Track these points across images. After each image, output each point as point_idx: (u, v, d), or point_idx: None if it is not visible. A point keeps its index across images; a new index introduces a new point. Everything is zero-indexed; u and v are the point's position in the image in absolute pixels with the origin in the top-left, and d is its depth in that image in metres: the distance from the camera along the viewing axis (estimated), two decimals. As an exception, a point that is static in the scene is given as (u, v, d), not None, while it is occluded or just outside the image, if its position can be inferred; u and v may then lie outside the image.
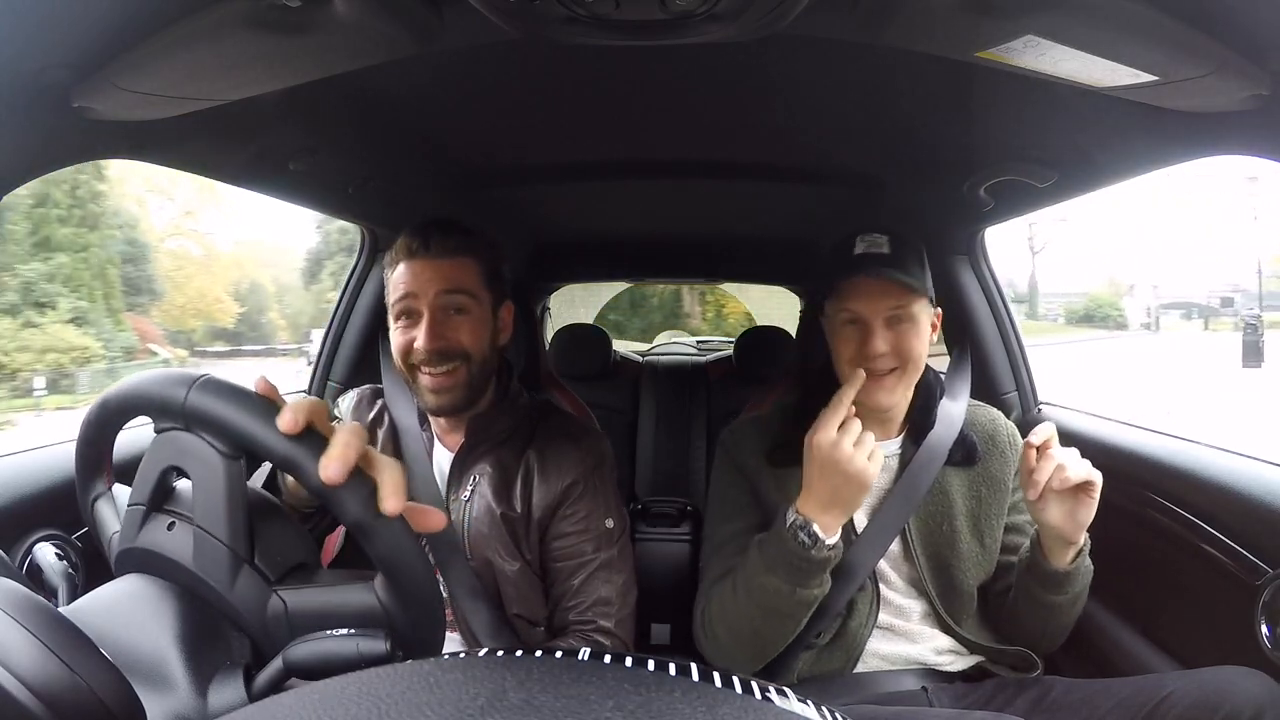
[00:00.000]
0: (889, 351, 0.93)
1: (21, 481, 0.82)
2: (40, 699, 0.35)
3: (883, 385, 0.94)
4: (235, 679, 0.46)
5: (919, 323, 0.95)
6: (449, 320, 0.93)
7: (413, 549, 0.47)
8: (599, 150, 1.22)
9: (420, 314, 0.92)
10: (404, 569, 0.47)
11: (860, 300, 0.94)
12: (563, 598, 0.97)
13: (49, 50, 0.57)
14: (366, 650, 0.46)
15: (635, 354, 2.63)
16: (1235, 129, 0.70)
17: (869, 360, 0.93)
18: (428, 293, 0.92)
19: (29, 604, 0.38)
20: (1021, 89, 0.75)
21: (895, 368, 0.94)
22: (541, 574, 1.00)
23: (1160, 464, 1.07)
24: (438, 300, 0.92)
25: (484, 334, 0.96)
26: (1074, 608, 0.95)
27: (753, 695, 0.30)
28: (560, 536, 0.98)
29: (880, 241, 0.95)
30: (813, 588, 0.87)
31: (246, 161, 0.96)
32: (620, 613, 0.97)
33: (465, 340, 0.93)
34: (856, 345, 0.94)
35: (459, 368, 0.93)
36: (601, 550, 0.98)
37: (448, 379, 0.93)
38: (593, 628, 0.95)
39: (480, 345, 0.95)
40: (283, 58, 0.63)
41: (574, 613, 0.96)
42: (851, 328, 0.95)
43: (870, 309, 0.93)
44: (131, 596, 0.49)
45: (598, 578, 0.97)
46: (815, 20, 0.61)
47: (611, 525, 1.00)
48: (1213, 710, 0.74)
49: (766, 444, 1.04)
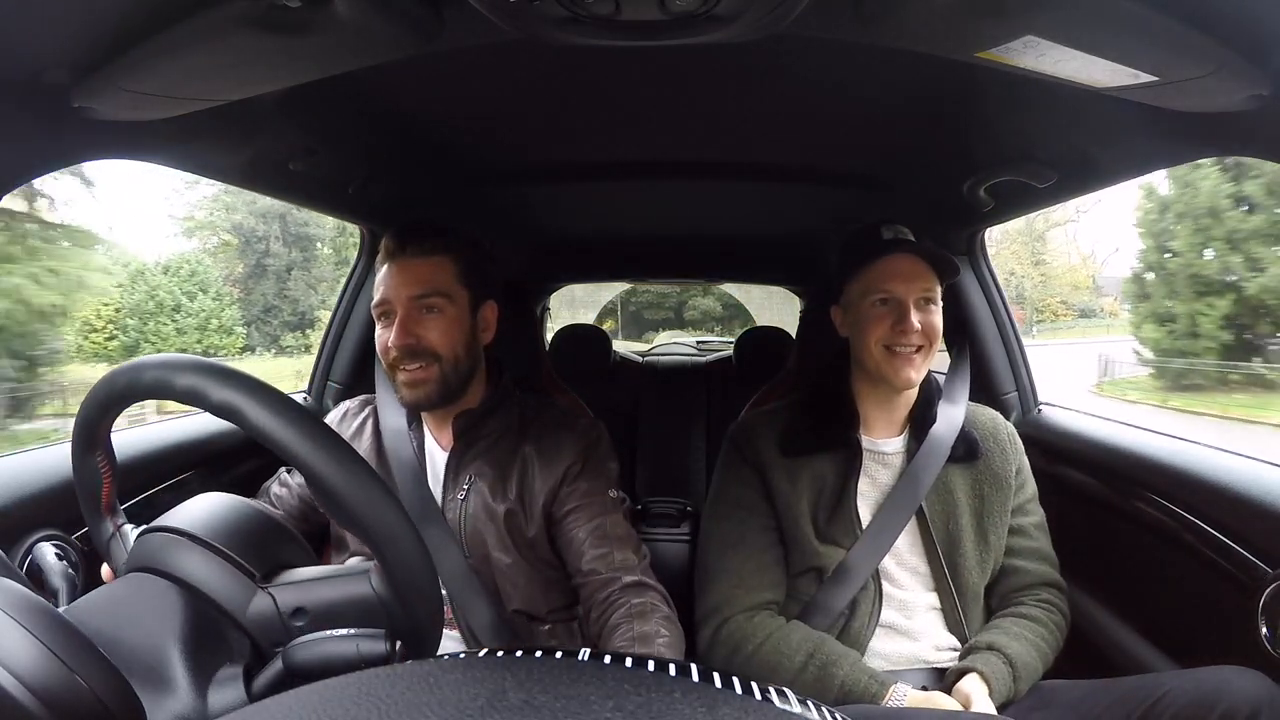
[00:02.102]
0: (920, 330, 0.99)
1: (21, 481, 0.82)
2: (40, 699, 0.35)
3: (911, 363, 1.00)
4: (235, 679, 0.46)
5: (939, 305, 1.02)
6: (421, 319, 0.95)
7: (408, 533, 0.48)
8: (599, 150, 1.22)
9: (394, 315, 0.95)
10: (401, 557, 0.47)
11: (896, 281, 1.00)
12: (580, 564, 0.96)
13: (49, 50, 0.57)
14: (366, 650, 0.46)
15: (635, 354, 2.64)
16: (1235, 129, 0.70)
17: (904, 338, 0.99)
18: (400, 294, 0.95)
19: (29, 604, 0.38)
20: (1021, 89, 0.75)
21: (922, 346, 1.00)
22: (549, 562, 1.00)
23: (1160, 464, 1.07)
24: (410, 301, 0.95)
25: (457, 333, 0.96)
26: (1051, 655, 0.99)
27: (752, 695, 0.30)
28: (567, 514, 0.98)
29: (904, 231, 1.03)
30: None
31: (246, 161, 0.96)
32: (643, 565, 0.98)
33: (434, 339, 0.95)
34: (889, 325, 0.99)
35: (430, 365, 0.95)
36: (609, 514, 0.99)
37: (420, 374, 0.95)
38: (624, 585, 0.94)
39: (452, 344, 0.96)
40: (283, 58, 0.63)
41: (598, 576, 0.95)
42: (884, 308, 1.00)
43: (905, 289, 0.99)
44: (131, 596, 0.49)
45: (610, 537, 0.97)
46: (815, 20, 0.61)
47: (614, 495, 1.01)
48: (1209, 709, 0.74)
49: (778, 436, 1.06)
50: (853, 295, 1.04)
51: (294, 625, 0.50)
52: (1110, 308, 27.79)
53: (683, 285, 12.43)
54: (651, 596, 0.94)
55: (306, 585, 0.51)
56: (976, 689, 0.89)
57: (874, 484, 1.04)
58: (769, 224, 1.70)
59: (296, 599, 0.50)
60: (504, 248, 1.76)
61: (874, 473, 1.04)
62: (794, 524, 1.01)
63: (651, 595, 0.94)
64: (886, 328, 0.99)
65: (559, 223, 1.75)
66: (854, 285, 1.04)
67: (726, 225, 1.75)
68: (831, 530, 1.01)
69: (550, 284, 2.40)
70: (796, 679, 0.92)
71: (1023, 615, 1.00)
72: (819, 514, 1.02)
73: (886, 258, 1.00)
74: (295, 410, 0.47)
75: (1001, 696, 0.90)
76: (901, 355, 0.99)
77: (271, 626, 0.50)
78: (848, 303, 1.05)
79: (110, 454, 0.57)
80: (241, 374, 0.48)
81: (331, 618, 0.49)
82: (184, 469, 1.09)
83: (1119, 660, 1.09)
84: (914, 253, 0.99)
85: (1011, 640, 0.94)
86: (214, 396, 0.46)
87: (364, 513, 0.46)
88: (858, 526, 1.01)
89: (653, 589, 0.95)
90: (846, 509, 1.01)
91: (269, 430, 0.46)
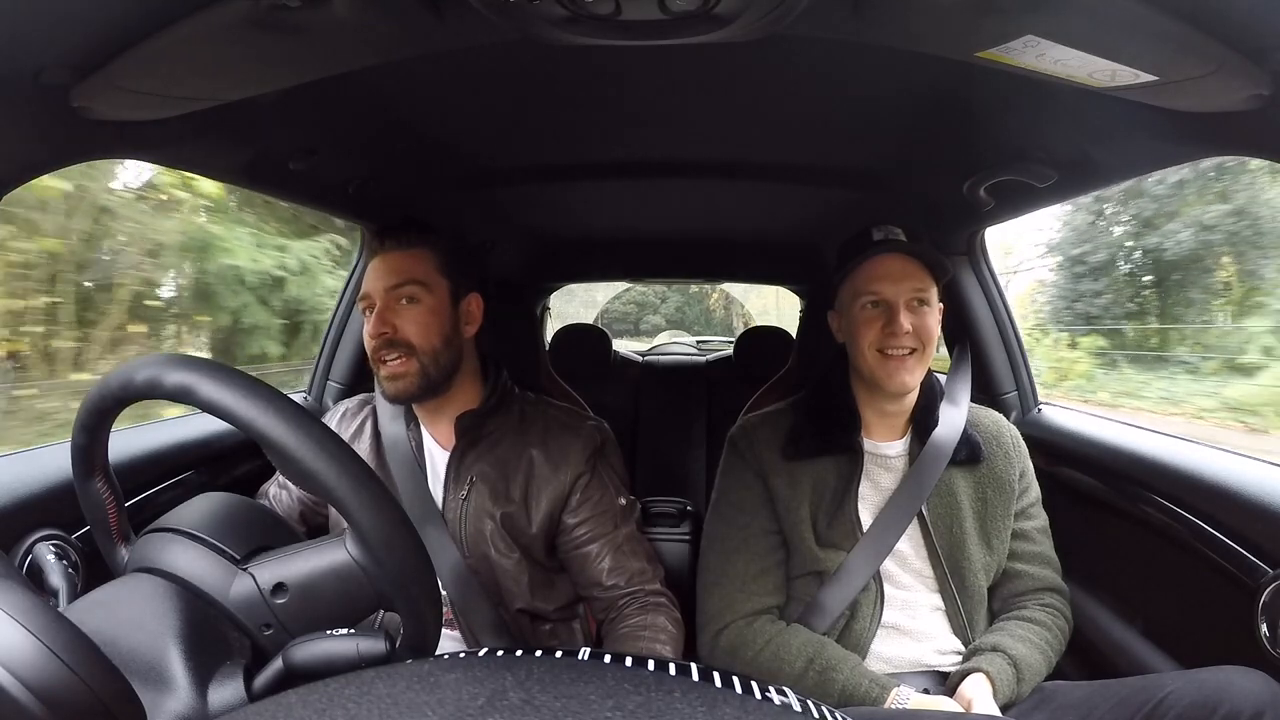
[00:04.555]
0: (911, 332, 0.97)
1: (21, 481, 0.82)
2: (40, 699, 0.35)
3: (904, 366, 0.98)
4: (235, 679, 0.46)
5: (934, 306, 1.00)
6: (398, 310, 0.96)
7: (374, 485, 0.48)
8: (599, 150, 1.22)
9: (375, 307, 0.96)
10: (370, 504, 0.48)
11: (884, 283, 0.98)
12: (601, 579, 0.98)
13: (49, 50, 0.57)
14: (366, 650, 0.46)
15: (635, 354, 2.63)
16: (1235, 129, 0.70)
17: (894, 340, 0.97)
18: (379, 287, 0.96)
19: (29, 604, 0.38)
20: (1021, 89, 0.74)
21: (915, 349, 0.98)
22: (553, 566, 1.01)
23: (1160, 464, 1.07)
24: (388, 293, 0.96)
25: (434, 324, 0.97)
26: (1054, 658, 0.99)
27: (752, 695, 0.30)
28: (579, 524, 0.99)
29: (896, 231, 1.00)
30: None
31: (246, 161, 0.96)
32: (659, 574, 1.01)
33: (410, 331, 0.95)
34: (880, 328, 0.97)
35: (409, 358, 0.95)
36: (621, 526, 1.01)
37: (399, 367, 0.95)
38: (645, 593, 0.98)
39: (429, 336, 0.96)
40: (283, 58, 0.63)
41: (619, 590, 0.98)
42: (874, 311, 0.99)
43: (894, 290, 0.97)
44: (131, 596, 0.49)
45: (624, 550, 0.99)
46: (815, 20, 0.61)
47: (624, 503, 1.03)
48: (1212, 710, 0.74)
49: (780, 439, 1.05)
50: (845, 299, 1.03)
51: (275, 602, 0.50)
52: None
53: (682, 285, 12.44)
54: (664, 600, 0.99)
55: (284, 560, 0.51)
56: (981, 690, 0.89)
57: (875, 487, 1.04)
58: (769, 224, 1.70)
59: (275, 575, 0.50)
60: (504, 247, 1.76)
61: (876, 476, 1.04)
62: (794, 528, 1.01)
63: (664, 600, 0.99)
64: (877, 330, 0.98)
65: (559, 222, 1.75)
66: (845, 288, 1.03)
67: (726, 225, 1.75)
68: (832, 534, 1.01)
69: (550, 284, 2.40)
70: (796, 685, 0.92)
71: (1026, 618, 1.00)
72: (819, 518, 1.02)
73: (875, 258, 0.99)
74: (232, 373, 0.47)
75: (1005, 697, 0.90)
76: (894, 358, 0.97)
77: (254, 606, 0.50)
78: (841, 307, 1.05)
79: (110, 478, 0.57)
80: (190, 356, 0.49)
81: (312, 589, 0.50)
82: (184, 469, 1.09)
83: (1118, 659, 1.09)
84: (903, 252, 0.98)
85: (1016, 642, 0.94)
86: (168, 382, 0.47)
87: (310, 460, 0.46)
88: (858, 530, 1.00)
89: (665, 594, 1.00)
90: (847, 513, 1.01)
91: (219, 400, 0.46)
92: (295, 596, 0.50)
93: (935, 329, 0.99)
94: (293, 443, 0.46)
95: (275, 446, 0.46)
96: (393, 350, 0.95)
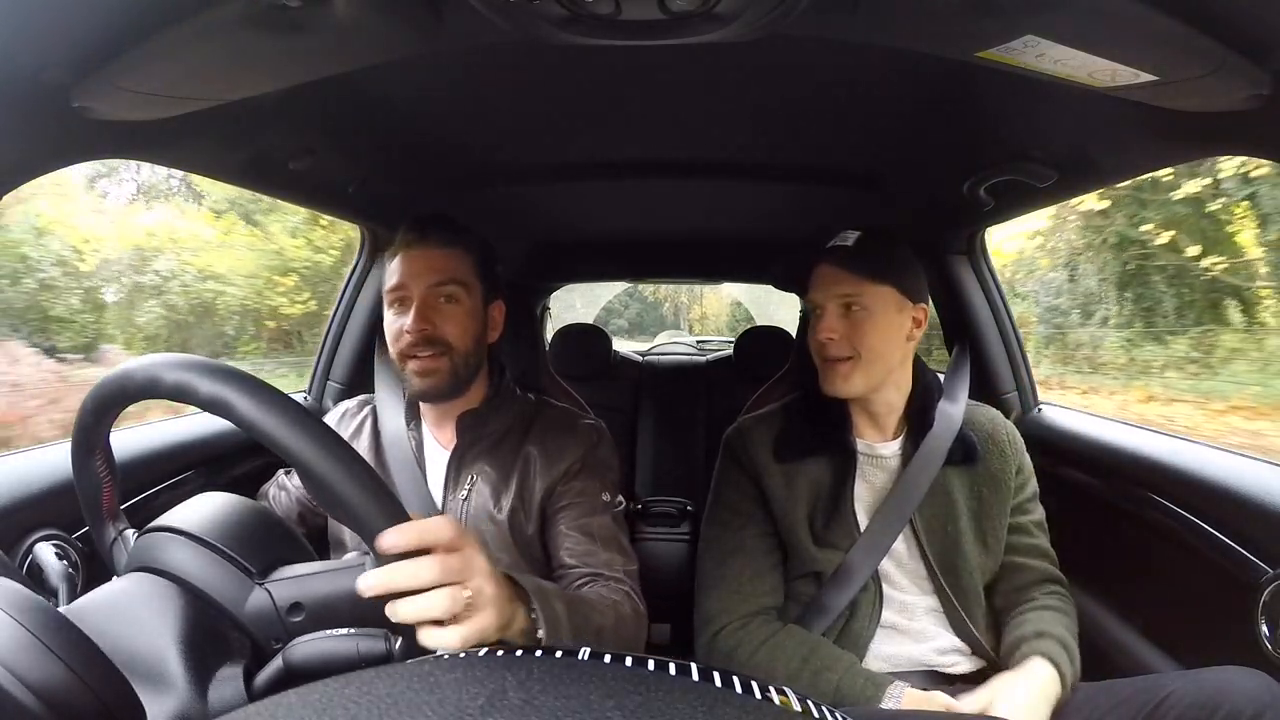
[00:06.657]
0: (841, 338, 0.96)
1: (21, 481, 0.82)
2: (40, 699, 0.35)
3: (837, 371, 0.98)
4: (235, 679, 0.46)
5: (875, 314, 0.97)
6: (438, 308, 0.95)
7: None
8: (598, 150, 1.22)
9: (411, 301, 0.95)
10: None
11: (816, 290, 0.99)
12: (565, 559, 0.94)
13: (49, 50, 0.57)
14: (366, 650, 0.46)
15: (635, 354, 2.63)
16: (1235, 129, 0.70)
17: (821, 347, 0.98)
18: (419, 282, 0.95)
19: (29, 604, 0.38)
20: (1021, 89, 0.74)
21: (850, 357, 0.97)
22: (547, 562, 1.00)
23: (1160, 464, 1.07)
24: (429, 289, 0.95)
25: (471, 326, 0.97)
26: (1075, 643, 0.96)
27: (752, 695, 0.30)
28: (559, 511, 0.98)
29: (848, 237, 1.00)
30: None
31: (246, 161, 0.96)
32: (631, 570, 0.95)
33: (450, 329, 0.95)
34: (815, 333, 0.99)
35: (442, 355, 0.95)
36: (599, 515, 0.97)
37: (432, 363, 0.94)
38: (606, 577, 0.92)
39: (465, 337, 0.96)
40: (283, 58, 0.63)
41: (581, 570, 0.93)
42: (815, 317, 1.00)
43: (823, 295, 0.98)
44: (131, 596, 0.49)
45: (596, 537, 0.96)
46: (815, 20, 0.61)
47: (608, 499, 1.00)
48: (1213, 710, 0.73)
49: (773, 441, 1.05)
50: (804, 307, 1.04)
51: (291, 621, 0.50)
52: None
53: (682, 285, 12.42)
54: (626, 589, 0.91)
55: (303, 580, 0.51)
56: (1044, 672, 0.87)
57: (870, 487, 1.04)
58: (769, 224, 1.70)
59: (293, 594, 0.50)
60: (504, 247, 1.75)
61: (870, 476, 1.04)
62: (791, 529, 1.01)
63: (626, 588, 0.91)
64: (814, 337, 0.99)
65: (559, 222, 1.75)
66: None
67: (726, 225, 1.75)
68: (829, 535, 1.01)
69: (550, 284, 2.40)
70: (792, 684, 0.92)
71: (1043, 606, 0.99)
72: (816, 519, 1.02)
73: (816, 265, 1.00)
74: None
75: (1070, 680, 0.88)
76: (828, 363, 0.98)
77: (269, 622, 0.50)
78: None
79: (110, 459, 0.57)
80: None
81: (329, 612, 0.50)
82: (184, 469, 1.09)
83: (1118, 659, 1.09)
84: (830, 261, 0.99)
85: (1052, 625, 0.94)
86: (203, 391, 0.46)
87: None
88: (856, 530, 1.00)
89: (630, 586, 0.92)
90: (844, 513, 1.01)
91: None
92: (311, 618, 0.50)
93: (874, 337, 0.97)
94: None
95: (335, 498, 0.45)
96: (429, 347, 0.94)
